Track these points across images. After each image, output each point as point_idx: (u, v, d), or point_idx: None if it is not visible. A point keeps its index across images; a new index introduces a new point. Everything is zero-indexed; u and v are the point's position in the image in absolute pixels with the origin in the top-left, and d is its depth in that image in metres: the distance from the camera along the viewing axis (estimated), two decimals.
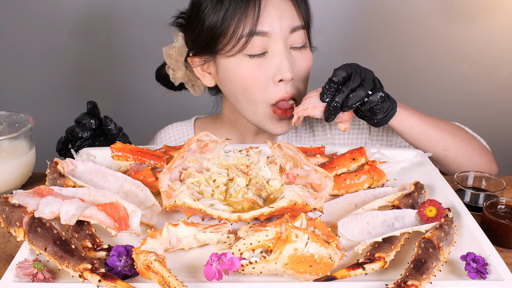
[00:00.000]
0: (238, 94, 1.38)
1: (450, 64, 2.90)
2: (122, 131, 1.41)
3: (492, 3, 2.79)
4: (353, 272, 0.83)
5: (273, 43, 1.31)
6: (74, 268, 0.81)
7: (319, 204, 0.98)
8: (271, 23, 1.30)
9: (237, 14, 1.29)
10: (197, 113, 1.77)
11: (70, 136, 1.38)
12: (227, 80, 1.38)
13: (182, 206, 0.95)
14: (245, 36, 1.29)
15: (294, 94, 1.35)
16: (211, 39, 1.34)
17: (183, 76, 1.51)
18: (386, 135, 1.58)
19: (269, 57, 1.32)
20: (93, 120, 1.37)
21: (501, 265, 0.87)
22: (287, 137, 1.60)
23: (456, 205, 1.06)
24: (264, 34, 1.30)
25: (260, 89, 1.34)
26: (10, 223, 0.93)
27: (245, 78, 1.33)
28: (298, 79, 1.36)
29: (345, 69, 1.16)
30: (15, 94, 2.80)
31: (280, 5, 1.32)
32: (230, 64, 1.34)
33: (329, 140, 1.60)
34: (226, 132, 1.60)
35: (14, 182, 1.25)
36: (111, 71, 2.82)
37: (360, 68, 1.19)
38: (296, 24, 1.33)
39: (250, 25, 1.29)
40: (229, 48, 1.32)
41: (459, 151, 1.35)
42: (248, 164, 1.11)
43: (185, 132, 1.65)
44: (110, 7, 2.70)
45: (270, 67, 1.32)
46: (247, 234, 0.88)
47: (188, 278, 0.86)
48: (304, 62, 1.37)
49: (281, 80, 1.32)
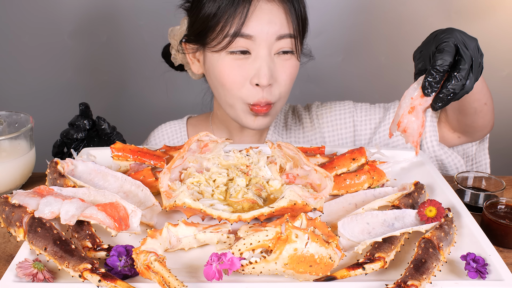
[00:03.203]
0: (218, 88, 1.42)
1: None
2: (116, 130, 1.43)
3: (492, 3, 2.79)
4: (353, 272, 0.83)
5: (257, 47, 1.33)
6: (74, 268, 0.81)
7: (319, 204, 0.98)
8: (257, 28, 1.31)
9: (227, 13, 1.31)
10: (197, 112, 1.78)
11: (65, 139, 1.40)
12: (211, 73, 1.42)
13: (182, 206, 0.95)
14: (230, 36, 1.32)
15: (269, 100, 1.38)
16: (202, 30, 1.37)
17: (182, 57, 1.54)
18: (375, 114, 1.58)
19: (251, 59, 1.35)
20: (86, 121, 1.39)
21: (501, 265, 0.87)
22: (278, 131, 1.61)
23: (456, 205, 1.06)
24: (249, 37, 1.32)
25: (237, 88, 1.37)
26: (10, 223, 0.93)
27: (223, 75, 1.37)
28: (276, 84, 1.38)
29: (450, 51, 0.95)
30: (15, 94, 2.80)
31: (271, 11, 1.33)
32: (214, 59, 1.38)
33: (317, 129, 1.61)
34: (217, 129, 1.64)
35: (14, 182, 1.25)
36: (111, 71, 2.82)
37: (466, 42, 0.97)
38: (283, 32, 1.34)
39: (236, 26, 1.31)
40: (215, 44, 1.35)
41: (491, 105, 1.32)
42: (248, 164, 1.11)
43: (178, 131, 1.68)
44: (110, 7, 2.70)
45: (249, 69, 1.35)
46: (247, 234, 0.88)
47: (188, 278, 0.86)
48: (286, 69, 1.38)
49: (258, 84, 1.35)
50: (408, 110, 1.03)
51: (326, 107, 1.64)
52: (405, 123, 1.04)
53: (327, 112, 1.62)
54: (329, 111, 1.62)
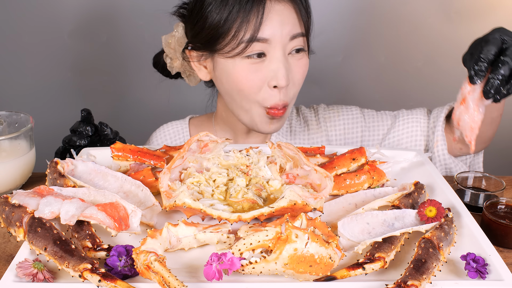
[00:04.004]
0: (233, 93, 1.39)
1: (450, 64, 2.90)
2: (118, 135, 1.42)
3: (492, 3, 2.79)
4: (353, 272, 0.83)
5: (272, 50, 1.31)
6: (74, 268, 0.81)
7: (319, 204, 0.98)
8: (272, 30, 1.29)
9: (240, 18, 1.28)
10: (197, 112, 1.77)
11: (68, 145, 1.39)
12: (224, 79, 1.38)
13: (182, 206, 0.95)
14: (246, 41, 1.29)
15: (286, 102, 1.37)
16: (211, 38, 1.34)
17: (180, 66, 1.51)
18: (382, 120, 1.59)
19: (267, 61, 1.33)
20: (89, 127, 1.39)
21: (501, 265, 0.87)
22: (282, 132, 1.60)
23: (456, 205, 1.06)
24: (265, 41, 1.30)
25: (254, 92, 1.35)
26: (10, 223, 0.93)
27: (241, 80, 1.34)
28: (292, 85, 1.37)
29: (494, 42, 1.00)
30: (15, 94, 2.80)
31: (283, 12, 1.31)
32: (228, 65, 1.34)
33: (323, 132, 1.61)
34: (220, 130, 1.62)
35: (14, 182, 1.25)
36: (111, 71, 2.82)
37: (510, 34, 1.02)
38: (296, 31, 1.33)
39: (252, 31, 1.28)
40: (228, 50, 1.32)
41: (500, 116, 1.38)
42: (248, 164, 1.11)
43: (180, 131, 1.67)
44: (110, 7, 2.70)
45: (266, 72, 1.33)
46: (247, 234, 0.88)
47: (188, 278, 0.86)
48: (300, 69, 1.37)
49: (276, 86, 1.33)
50: (460, 101, 1.05)
51: (333, 110, 1.63)
52: (457, 114, 1.07)
53: (335, 116, 1.62)
54: (337, 115, 1.61)
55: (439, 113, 1.50)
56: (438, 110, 1.52)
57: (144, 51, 2.73)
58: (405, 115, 1.57)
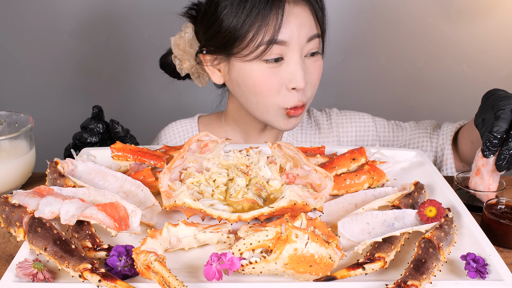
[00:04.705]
0: (249, 96, 1.39)
1: (450, 64, 2.90)
2: (129, 133, 1.41)
3: (492, 3, 2.79)
4: (353, 272, 0.83)
5: (290, 52, 1.31)
6: (74, 268, 0.81)
7: (319, 204, 0.98)
8: (290, 33, 1.29)
9: (258, 21, 1.27)
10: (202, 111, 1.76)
11: (78, 142, 1.38)
12: (240, 82, 1.38)
13: (182, 206, 0.95)
14: (265, 44, 1.29)
15: (305, 102, 1.38)
16: (228, 41, 1.33)
17: (190, 67, 1.50)
18: (392, 131, 1.60)
19: (285, 64, 1.33)
20: (100, 124, 1.37)
21: (501, 265, 0.87)
22: (293, 134, 1.60)
23: (456, 205, 1.06)
24: (283, 43, 1.29)
25: (273, 94, 1.35)
26: (10, 223, 0.93)
27: (260, 83, 1.33)
28: (309, 86, 1.38)
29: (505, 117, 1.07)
30: (15, 94, 2.80)
31: (301, 14, 1.31)
32: (245, 68, 1.34)
33: (335, 137, 1.61)
34: (230, 130, 1.61)
35: (14, 182, 1.25)
36: (111, 71, 2.82)
37: None
38: (313, 33, 1.34)
39: (271, 33, 1.28)
40: (246, 53, 1.31)
41: None
42: (248, 164, 1.11)
43: (189, 129, 1.65)
44: (110, 7, 2.70)
45: (284, 74, 1.33)
46: (247, 234, 0.88)
47: (188, 278, 0.86)
48: (316, 70, 1.38)
49: (294, 88, 1.33)
50: (475, 172, 1.16)
51: (346, 116, 1.64)
52: (472, 184, 1.17)
53: (347, 121, 1.62)
54: (349, 121, 1.62)
55: (448, 132, 1.52)
56: (447, 128, 1.53)
57: (145, 51, 2.74)
58: (414, 130, 1.59)
